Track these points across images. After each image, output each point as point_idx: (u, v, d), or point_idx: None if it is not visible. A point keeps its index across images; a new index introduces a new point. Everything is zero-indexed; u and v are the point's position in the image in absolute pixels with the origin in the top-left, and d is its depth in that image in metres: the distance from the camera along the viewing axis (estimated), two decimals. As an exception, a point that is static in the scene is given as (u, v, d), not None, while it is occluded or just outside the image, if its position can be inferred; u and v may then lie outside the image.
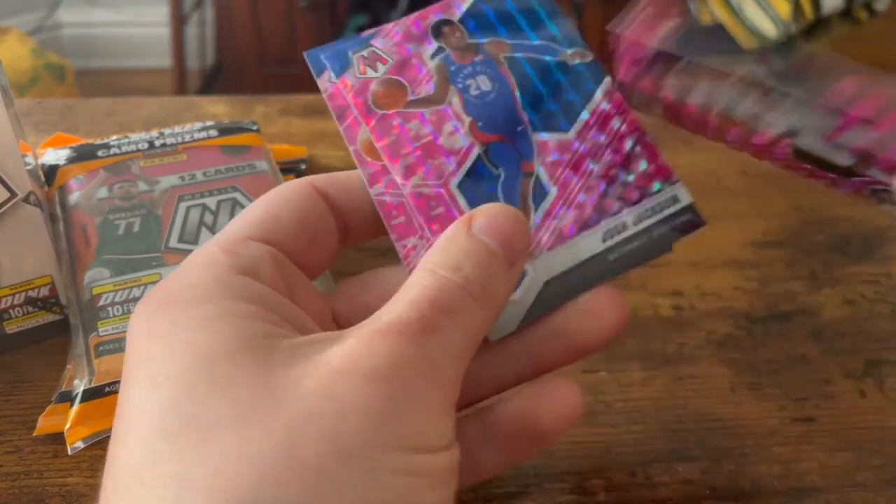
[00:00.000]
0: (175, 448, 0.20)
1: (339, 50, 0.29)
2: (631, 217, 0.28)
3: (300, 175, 0.51)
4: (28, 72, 1.86)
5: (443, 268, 0.23)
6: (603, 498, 0.31)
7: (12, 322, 0.39)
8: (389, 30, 0.29)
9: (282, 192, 0.26)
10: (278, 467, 0.19)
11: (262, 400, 0.20)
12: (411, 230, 0.27)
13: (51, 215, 0.41)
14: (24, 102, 0.62)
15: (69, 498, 0.32)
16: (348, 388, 0.20)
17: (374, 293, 0.27)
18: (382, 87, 0.28)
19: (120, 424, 0.21)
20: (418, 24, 0.29)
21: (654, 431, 0.34)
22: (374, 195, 0.27)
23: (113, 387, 0.34)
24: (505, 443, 0.26)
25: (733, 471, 0.32)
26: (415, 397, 0.21)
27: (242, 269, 0.24)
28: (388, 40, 0.29)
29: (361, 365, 0.21)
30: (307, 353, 0.21)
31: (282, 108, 0.61)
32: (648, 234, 0.28)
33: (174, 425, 0.20)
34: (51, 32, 2.36)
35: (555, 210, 0.28)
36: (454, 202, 0.27)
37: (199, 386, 0.20)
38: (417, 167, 0.27)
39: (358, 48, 0.29)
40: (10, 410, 0.36)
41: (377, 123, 0.28)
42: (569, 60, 0.30)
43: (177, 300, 0.22)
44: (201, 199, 0.42)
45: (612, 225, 0.28)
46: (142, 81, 2.31)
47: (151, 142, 0.45)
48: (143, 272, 0.38)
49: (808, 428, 0.34)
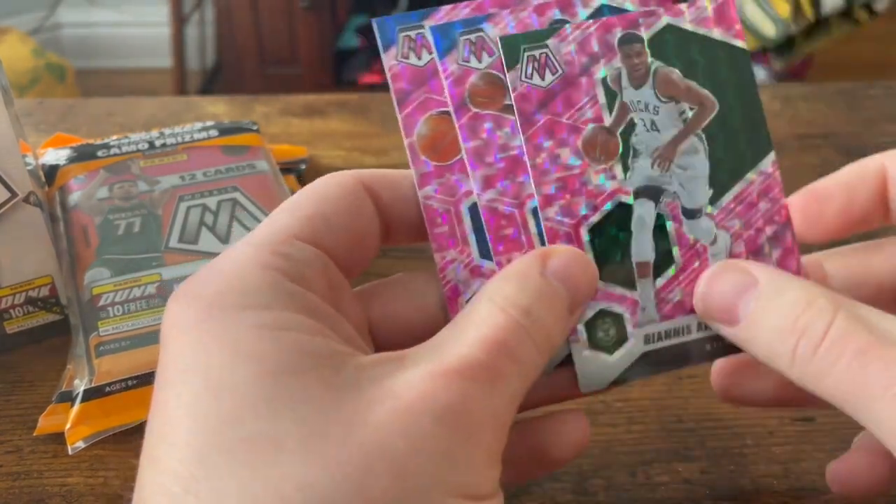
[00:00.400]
0: (234, 463, 0.19)
1: (445, 28, 0.26)
2: None
3: (300, 175, 0.51)
4: (28, 72, 1.86)
5: (514, 307, 0.23)
6: (603, 498, 0.31)
7: (12, 322, 0.39)
8: (502, 17, 0.26)
9: (330, 189, 0.25)
10: (346, 500, 0.19)
11: (330, 424, 0.20)
12: (452, 243, 0.26)
13: (51, 215, 0.41)
14: (25, 102, 0.62)
15: (69, 498, 0.32)
16: (421, 427, 0.20)
17: (406, 301, 0.27)
18: (483, 82, 0.26)
19: (165, 428, 0.20)
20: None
21: (654, 431, 0.34)
22: (423, 197, 0.26)
23: (113, 387, 0.34)
24: (511, 464, 0.26)
25: (733, 471, 0.32)
26: (477, 442, 0.21)
27: (294, 276, 0.23)
28: (499, 30, 0.26)
29: (436, 405, 0.20)
30: (374, 378, 0.21)
31: (282, 108, 0.61)
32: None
33: (234, 440, 0.19)
34: (51, 32, 2.36)
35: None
36: (525, 228, 0.26)
37: (264, 402, 0.20)
38: (497, 179, 0.26)
39: (467, 29, 0.26)
40: (11, 410, 0.36)
41: (468, 122, 0.26)
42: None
43: (229, 304, 0.21)
44: (201, 199, 0.42)
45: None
46: (142, 81, 2.31)
47: (152, 142, 0.45)
48: (143, 272, 0.38)
49: (808, 428, 0.34)
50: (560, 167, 0.26)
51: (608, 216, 0.26)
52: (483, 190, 0.26)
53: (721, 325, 0.26)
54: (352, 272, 0.26)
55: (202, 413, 0.20)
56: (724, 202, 0.27)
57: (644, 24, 0.26)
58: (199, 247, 0.40)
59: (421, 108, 0.26)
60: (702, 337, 0.27)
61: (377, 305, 0.26)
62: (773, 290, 0.24)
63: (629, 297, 0.26)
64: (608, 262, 0.26)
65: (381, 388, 0.21)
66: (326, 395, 0.20)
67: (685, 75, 0.27)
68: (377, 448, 0.19)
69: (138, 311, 0.37)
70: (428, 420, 0.20)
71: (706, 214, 0.27)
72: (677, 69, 0.27)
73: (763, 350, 0.24)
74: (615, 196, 0.26)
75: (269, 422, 0.19)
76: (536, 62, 0.26)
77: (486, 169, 0.26)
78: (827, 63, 1.99)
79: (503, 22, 0.26)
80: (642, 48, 0.26)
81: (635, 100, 0.26)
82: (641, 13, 0.26)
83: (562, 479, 0.32)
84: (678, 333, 0.27)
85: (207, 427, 0.20)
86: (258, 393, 0.20)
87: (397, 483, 0.19)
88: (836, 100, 0.62)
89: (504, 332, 0.22)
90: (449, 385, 0.21)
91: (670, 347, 0.27)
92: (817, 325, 0.23)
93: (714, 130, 0.27)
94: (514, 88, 0.26)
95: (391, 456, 0.19)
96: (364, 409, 0.20)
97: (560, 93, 0.26)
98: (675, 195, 0.26)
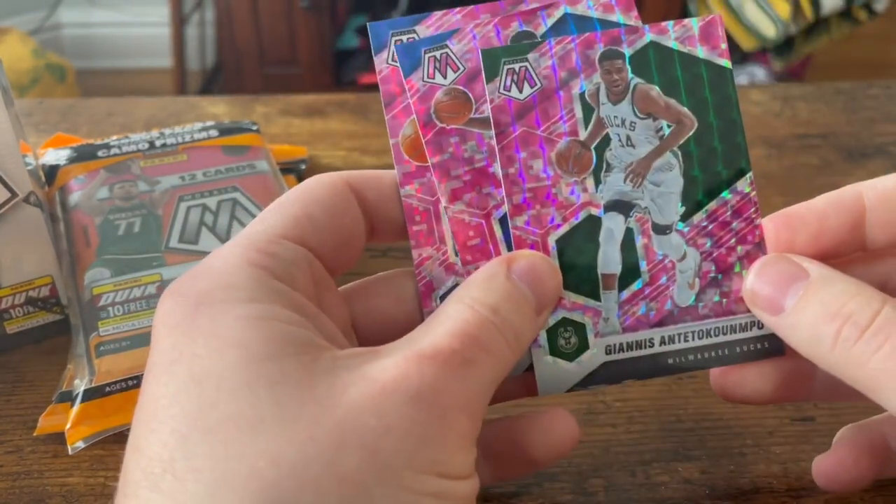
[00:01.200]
0: (213, 443, 0.20)
1: (410, 47, 0.26)
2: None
3: (300, 175, 0.51)
4: (29, 72, 1.86)
5: (482, 306, 0.24)
6: (603, 498, 0.31)
7: (13, 322, 0.39)
8: (466, 32, 0.27)
9: (316, 191, 0.26)
10: (318, 475, 0.19)
11: (306, 404, 0.20)
12: (430, 240, 0.27)
13: (51, 215, 0.41)
14: (25, 103, 0.62)
15: (69, 498, 0.32)
16: (394, 407, 0.21)
17: (387, 297, 0.27)
18: (448, 97, 0.26)
19: (148, 419, 0.21)
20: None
21: (654, 431, 0.34)
22: (403, 195, 0.27)
23: (113, 386, 0.34)
24: (496, 461, 0.27)
25: (733, 471, 0.32)
26: (450, 424, 0.21)
27: (280, 274, 0.23)
28: (463, 45, 0.27)
29: (409, 386, 0.21)
30: (349, 366, 0.22)
31: (282, 108, 0.61)
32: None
33: (214, 421, 0.20)
34: (51, 32, 2.36)
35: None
36: (492, 237, 0.26)
37: (243, 385, 0.20)
38: (464, 192, 0.26)
39: (431, 47, 0.26)
40: (11, 410, 0.36)
41: (434, 137, 0.26)
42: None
43: (216, 299, 0.22)
44: (201, 200, 0.42)
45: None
46: (142, 81, 2.31)
47: (152, 142, 0.45)
48: (143, 272, 0.38)
49: (808, 428, 0.34)
50: (532, 178, 0.26)
51: (576, 227, 0.27)
52: (450, 202, 0.26)
53: (764, 313, 0.26)
54: (337, 270, 0.27)
55: (184, 399, 0.21)
56: (696, 220, 0.27)
57: (627, 40, 0.27)
58: (200, 247, 0.40)
59: (407, 111, 0.27)
60: (665, 351, 0.27)
61: (359, 303, 0.27)
62: (822, 281, 0.25)
63: (593, 308, 0.27)
64: (574, 271, 0.26)
65: (356, 373, 0.21)
66: (304, 378, 0.21)
67: (666, 93, 0.27)
68: (350, 426, 0.20)
69: (138, 311, 0.37)
70: (401, 400, 0.21)
71: (676, 231, 0.27)
72: (658, 86, 0.27)
73: (805, 334, 0.25)
74: (585, 208, 0.27)
75: (247, 403, 0.20)
76: (516, 75, 0.26)
77: (452, 182, 0.26)
78: (826, 63, 2.00)
79: (467, 38, 0.27)
80: (623, 64, 0.27)
81: (612, 115, 0.27)
82: (625, 30, 0.27)
83: (561, 479, 0.32)
84: (640, 346, 0.27)
85: (189, 412, 0.20)
86: (239, 377, 0.21)
87: (369, 459, 0.20)
88: (835, 100, 0.62)
89: (474, 326, 0.23)
90: (422, 368, 0.21)
91: (632, 359, 0.27)
92: (865, 311, 0.23)
93: (691, 148, 0.27)
94: (491, 100, 0.26)
95: (364, 433, 0.20)
96: (339, 391, 0.21)
97: (537, 106, 0.26)
98: (647, 210, 0.27)
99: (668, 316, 0.27)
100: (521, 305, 0.24)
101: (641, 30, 0.27)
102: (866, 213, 0.27)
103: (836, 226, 0.27)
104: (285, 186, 0.45)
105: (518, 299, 0.24)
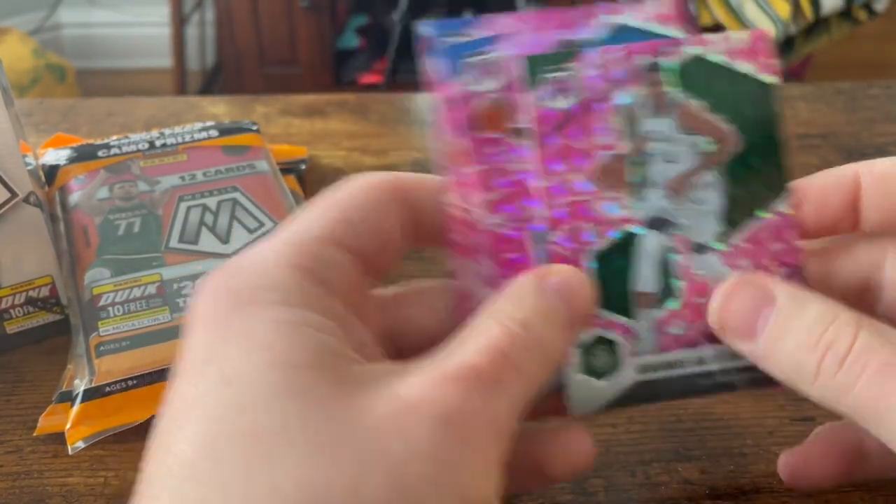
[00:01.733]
0: (237, 452, 0.19)
1: (451, 50, 0.26)
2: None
3: (300, 175, 0.51)
4: (29, 72, 1.86)
5: (512, 321, 0.23)
6: (603, 498, 0.31)
7: (13, 322, 0.39)
8: (508, 38, 0.26)
9: (358, 192, 0.25)
10: (341, 500, 0.19)
11: (331, 422, 0.20)
12: (466, 251, 0.26)
13: (51, 215, 0.41)
14: (25, 103, 0.62)
15: (69, 498, 0.32)
16: (419, 431, 0.20)
17: (418, 307, 0.27)
18: (489, 105, 0.25)
19: (176, 415, 0.21)
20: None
21: (654, 431, 0.34)
22: (444, 204, 0.26)
23: (113, 387, 0.34)
24: (510, 474, 0.26)
25: (733, 470, 0.32)
26: (477, 448, 0.21)
27: (318, 277, 0.23)
28: (505, 51, 0.26)
29: (434, 408, 0.20)
30: (378, 382, 0.21)
31: (282, 108, 0.61)
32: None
33: (239, 429, 0.20)
34: (51, 32, 2.36)
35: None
36: (527, 251, 0.26)
37: (271, 392, 0.20)
38: (501, 204, 0.26)
39: (471, 52, 0.26)
40: (11, 410, 0.36)
41: (472, 145, 0.26)
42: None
43: (253, 298, 0.22)
44: (202, 200, 0.42)
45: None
46: (142, 81, 2.31)
47: (152, 142, 0.45)
48: (143, 272, 0.38)
49: (808, 427, 0.34)
50: (570, 192, 0.26)
51: (614, 244, 0.26)
52: (487, 214, 0.26)
53: (736, 341, 0.25)
54: (377, 274, 0.26)
55: (213, 401, 0.20)
56: (735, 239, 0.26)
57: (671, 53, 0.26)
58: (200, 247, 0.40)
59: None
60: (699, 372, 0.26)
61: (389, 309, 0.27)
62: (793, 306, 0.24)
63: (627, 326, 0.26)
64: (609, 289, 0.26)
65: (384, 392, 0.21)
66: (330, 391, 0.21)
67: (709, 109, 0.26)
68: (374, 449, 0.20)
69: (138, 311, 0.37)
70: (426, 423, 0.20)
71: (715, 250, 0.26)
72: (701, 102, 0.26)
73: (785, 366, 0.24)
74: (623, 224, 0.26)
75: (272, 414, 0.20)
76: (557, 84, 0.26)
77: (489, 193, 0.26)
78: (826, 63, 1.99)
79: (510, 44, 0.26)
80: (666, 78, 0.26)
81: (653, 129, 0.26)
82: (668, 42, 0.26)
83: (562, 478, 0.32)
84: (675, 366, 0.26)
85: (216, 415, 0.20)
86: (266, 384, 0.20)
87: (394, 486, 0.19)
88: (835, 100, 0.62)
89: (503, 342, 0.22)
90: (448, 389, 0.21)
91: (666, 379, 0.26)
92: (842, 340, 0.23)
93: (731, 166, 0.26)
94: (532, 109, 0.25)
95: (388, 459, 0.20)
96: (365, 408, 0.20)
97: (578, 117, 0.26)
98: (685, 228, 0.26)
99: (703, 336, 0.26)
100: (552, 321, 0.24)
101: (687, 42, 0.26)
102: (861, 192, 0.26)
103: (836, 202, 0.26)
104: (285, 186, 0.45)
105: (549, 315, 0.24)
